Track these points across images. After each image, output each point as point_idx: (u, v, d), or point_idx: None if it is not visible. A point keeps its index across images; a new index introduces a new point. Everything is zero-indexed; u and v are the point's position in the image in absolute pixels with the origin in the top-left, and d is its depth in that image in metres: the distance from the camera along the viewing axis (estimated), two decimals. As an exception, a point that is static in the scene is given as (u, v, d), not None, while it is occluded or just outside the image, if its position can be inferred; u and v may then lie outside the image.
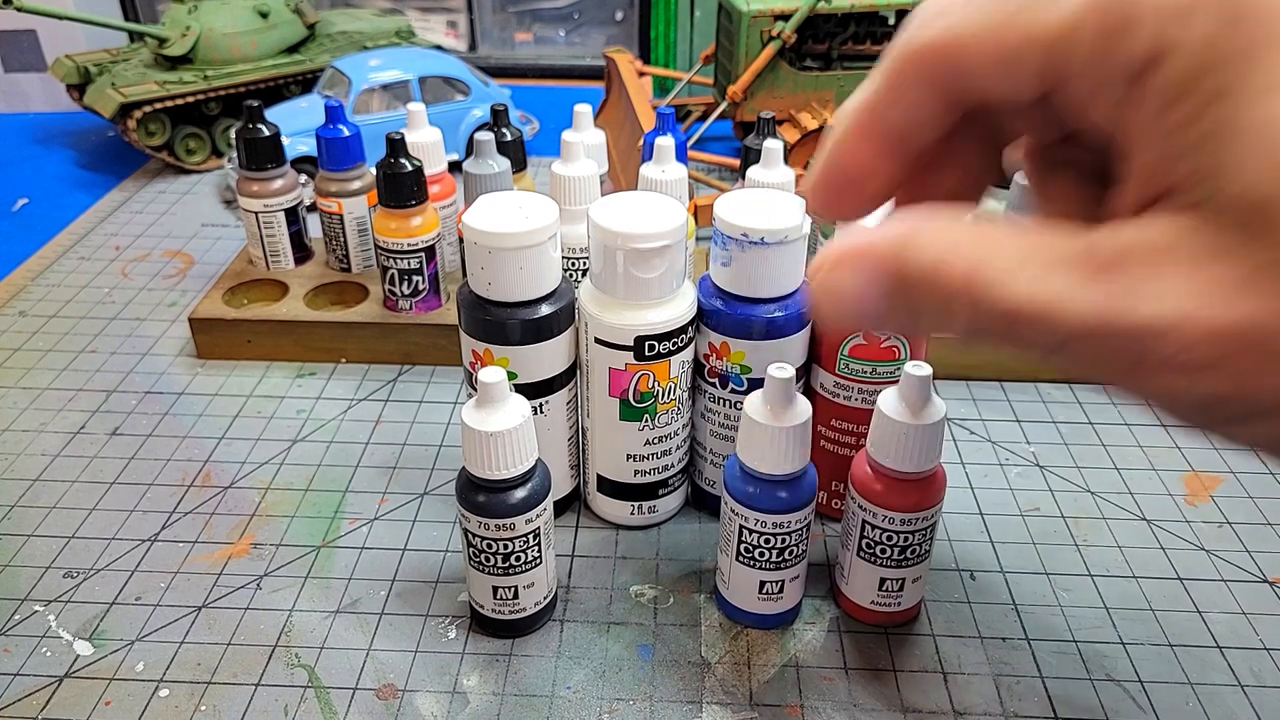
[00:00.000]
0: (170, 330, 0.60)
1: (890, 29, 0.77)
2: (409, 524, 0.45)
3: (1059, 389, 0.55)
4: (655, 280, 0.38)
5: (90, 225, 0.74)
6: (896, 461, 0.36)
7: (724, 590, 0.40)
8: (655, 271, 0.38)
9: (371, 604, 0.41)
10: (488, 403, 0.34)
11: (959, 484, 0.48)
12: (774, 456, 0.35)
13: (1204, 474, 0.49)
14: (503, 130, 0.57)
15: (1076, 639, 0.39)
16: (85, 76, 0.82)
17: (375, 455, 0.50)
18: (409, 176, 0.53)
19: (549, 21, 1.11)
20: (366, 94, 0.75)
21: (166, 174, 0.83)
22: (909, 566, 0.38)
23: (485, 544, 0.36)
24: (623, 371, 0.40)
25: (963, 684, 0.37)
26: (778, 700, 0.37)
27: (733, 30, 0.76)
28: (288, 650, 0.39)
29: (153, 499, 0.47)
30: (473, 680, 0.37)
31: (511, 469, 0.35)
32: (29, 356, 0.58)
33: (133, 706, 0.36)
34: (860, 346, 0.40)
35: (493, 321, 0.39)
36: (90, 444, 0.50)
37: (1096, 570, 0.43)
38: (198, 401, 0.54)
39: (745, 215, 0.38)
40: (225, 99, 0.82)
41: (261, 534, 0.45)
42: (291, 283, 0.59)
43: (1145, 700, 0.37)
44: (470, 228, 0.38)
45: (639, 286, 0.38)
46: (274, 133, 0.58)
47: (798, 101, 0.77)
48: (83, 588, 0.42)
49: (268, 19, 0.83)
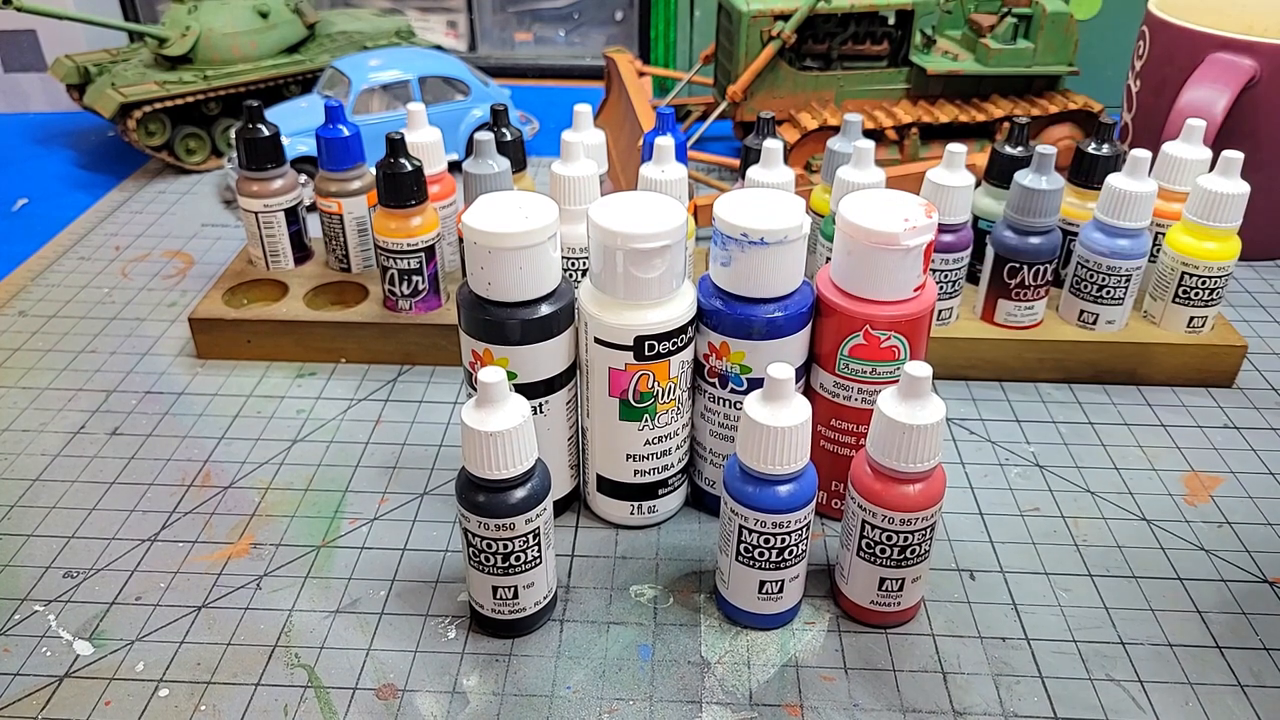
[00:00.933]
0: (170, 330, 0.60)
1: (890, 29, 0.77)
2: (409, 524, 0.45)
3: (1059, 389, 0.55)
4: (655, 280, 0.38)
5: (90, 225, 0.74)
6: (896, 461, 0.36)
7: (724, 590, 0.40)
8: (655, 271, 0.38)
9: (371, 604, 0.41)
10: (487, 403, 0.34)
11: (959, 484, 0.48)
12: (774, 456, 0.35)
13: (1204, 474, 0.49)
14: (502, 130, 0.57)
15: (1076, 639, 0.39)
16: (85, 76, 0.82)
17: (375, 455, 0.50)
18: (409, 176, 0.53)
19: (549, 21, 1.11)
20: (366, 94, 0.75)
21: (166, 174, 0.83)
22: (909, 566, 0.38)
23: (485, 544, 0.36)
24: (622, 371, 0.40)
25: (962, 684, 0.37)
26: (777, 700, 0.37)
27: (732, 30, 0.76)
28: (287, 650, 0.39)
29: (152, 499, 0.47)
30: (472, 680, 0.37)
31: (511, 469, 0.35)
32: (29, 356, 0.58)
33: (132, 706, 0.36)
34: (860, 346, 0.40)
35: (492, 321, 0.39)
36: (90, 444, 0.50)
37: (1096, 570, 0.43)
38: (197, 401, 0.54)
39: (745, 215, 0.38)
40: (225, 99, 0.82)
41: (261, 534, 0.45)
42: (291, 283, 0.59)
43: (1145, 700, 0.37)
44: (470, 227, 0.38)
45: (639, 286, 0.38)
46: (274, 133, 0.58)
47: (798, 101, 0.77)
48: (83, 588, 0.42)
49: (268, 19, 0.83)
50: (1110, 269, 0.53)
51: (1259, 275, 0.67)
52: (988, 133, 0.76)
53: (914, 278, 0.39)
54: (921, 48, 0.77)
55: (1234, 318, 0.62)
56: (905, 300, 0.39)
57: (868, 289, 0.39)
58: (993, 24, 0.75)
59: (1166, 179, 0.56)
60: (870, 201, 0.40)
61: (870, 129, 0.73)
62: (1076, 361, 0.55)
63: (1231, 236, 0.53)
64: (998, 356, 0.55)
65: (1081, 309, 0.55)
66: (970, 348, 0.55)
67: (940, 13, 0.77)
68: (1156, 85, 0.67)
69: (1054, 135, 0.76)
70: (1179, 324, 0.55)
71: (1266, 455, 0.50)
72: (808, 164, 0.74)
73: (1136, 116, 0.69)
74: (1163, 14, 0.66)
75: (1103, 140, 0.56)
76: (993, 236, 0.54)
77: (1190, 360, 0.55)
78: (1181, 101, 0.61)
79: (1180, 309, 0.54)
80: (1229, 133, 0.62)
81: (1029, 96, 0.77)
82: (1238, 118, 0.62)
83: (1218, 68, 0.62)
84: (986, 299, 0.55)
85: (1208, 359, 0.54)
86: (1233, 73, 0.61)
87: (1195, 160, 0.55)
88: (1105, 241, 0.52)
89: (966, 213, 0.52)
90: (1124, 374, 0.55)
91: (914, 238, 0.38)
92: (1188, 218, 0.53)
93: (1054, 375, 0.55)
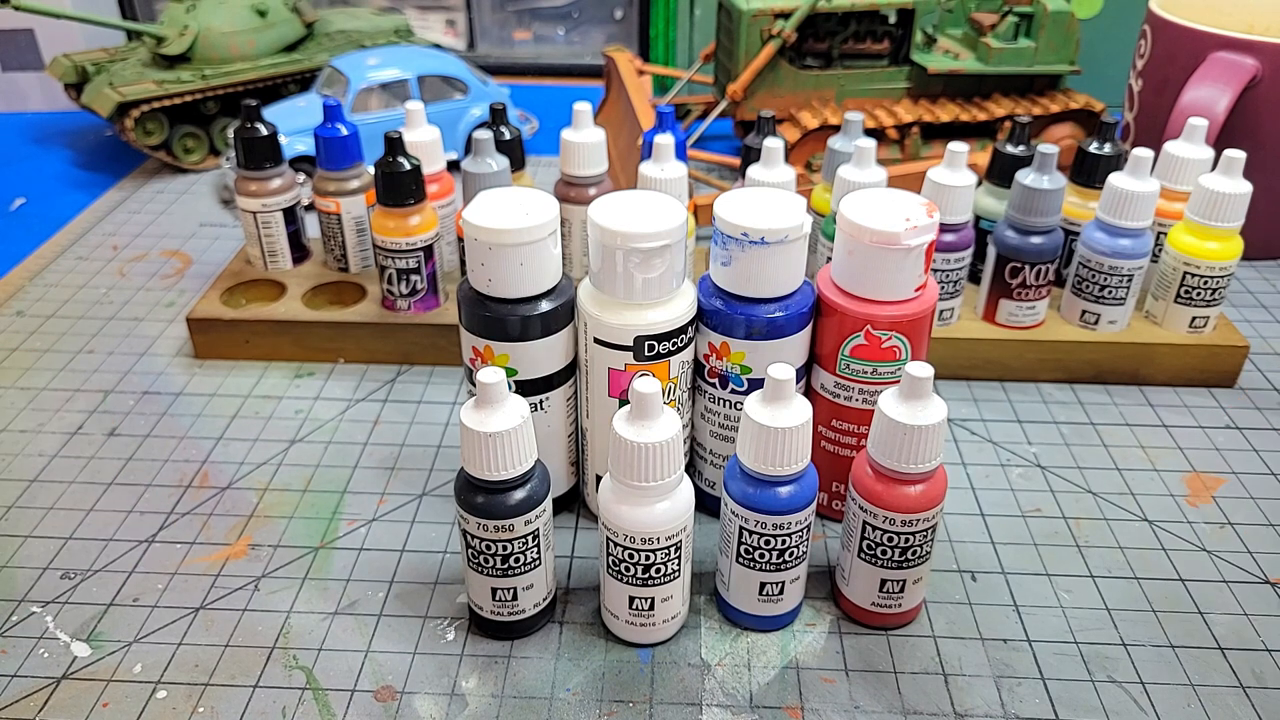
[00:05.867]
0: (168, 330, 0.60)
1: (890, 27, 0.77)
2: (407, 525, 0.45)
3: (1060, 389, 0.55)
4: (655, 280, 0.38)
5: (88, 225, 0.74)
6: (897, 462, 0.35)
7: (724, 592, 0.40)
8: (655, 271, 0.38)
9: (370, 605, 0.41)
10: (487, 403, 0.34)
11: (960, 485, 0.48)
12: (774, 457, 0.35)
13: (1205, 475, 0.49)
14: (501, 129, 0.57)
15: (1078, 640, 0.39)
16: (83, 75, 0.82)
17: (374, 456, 0.49)
18: (407, 175, 0.52)
19: (548, 20, 1.11)
20: (365, 93, 0.75)
21: (164, 173, 0.82)
22: (910, 568, 0.38)
23: (484, 545, 0.36)
24: (622, 372, 0.39)
25: (964, 685, 0.37)
26: (778, 702, 0.36)
27: (733, 29, 0.76)
28: (286, 652, 0.38)
29: (150, 500, 0.46)
30: (471, 682, 0.37)
31: (510, 470, 0.35)
32: (26, 356, 0.58)
33: (130, 708, 0.36)
34: (861, 347, 0.40)
35: (493, 318, 0.39)
36: (88, 444, 0.50)
37: (1098, 571, 0.43)
38: (195, 402, 0.53)
39: (745, 214, 0.38)
40: (223, 98, 0.82)
41: (259, 535, 0.44)
42: (289, 282, 0.59)
43: (1147, 702, 0.37)
44: (470, 224, 0.38)
45: (639, 286, 0.38)
46: (272, 132, 0.58)
47: (798, 100, 0.77)
48: (80, 589, 0.41)
49: (266, 18, 0.83)
50: (1112, 269, 0.52)
51: (1261, 275, 0.67)
52: (989, 132, 0.76)
53: (915, 277, 0.39)
54: (923, 46, 0.77)
55: (1236, 318, 0.62)
56: (906, 300, 0.39)
57: (869, 289, 0.39)
58: (994, 23, 0.75)
59: (1168, 178, 0.56)
60: (871, 201, 0.39)
61: (871, 128, 0.73)
62: (1078, 362, 0.55)
63: (1233, 236, 0.53)
64: (999, 357, 0.55)
65: (1083, 309, 0.54)
66: (972, 348, 0.55)
67: (941, 11, 0.77)
68: (1158, 84, 0.66)
69: (1055, 134, 0.76)
70: (1181, 324, 0.54)
71: (1268, 456, 0.50)
72: (808, 163, 0.74)
73: (1138, 116, 0.69)
74: (1164, 13, 0.66)
75: (1104, 139, 0.55)
76: (994, 236, 0.54)
77: (1192, 360, 0.54)
78: (1183, 101, 0.61)
79: (1182, 309, 0.54)
80: (1231, 132, 0.62)
81: (1030, 95, 0.77)
82: (1239, 117, 0.62)
83: (1219, 67, 0.61)
84: (988, 299, 0.55)
85: (1210, 359, 0.54)
86: (1234, 72, 0.61)
87: (1197, 160, 0.55)
88: (1107, 241, 0.52)
89: (968, 212, 0.52)
90: (1126, 374, 0.55)
91: (915, 237, 0.38)
92: (1190, 217, 0.53)
93: (1055, 375, 0.55)
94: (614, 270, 0.38)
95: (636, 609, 0.37)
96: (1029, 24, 0.74)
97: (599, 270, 0.39)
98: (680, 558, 0.37)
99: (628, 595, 0.37)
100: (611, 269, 0.38)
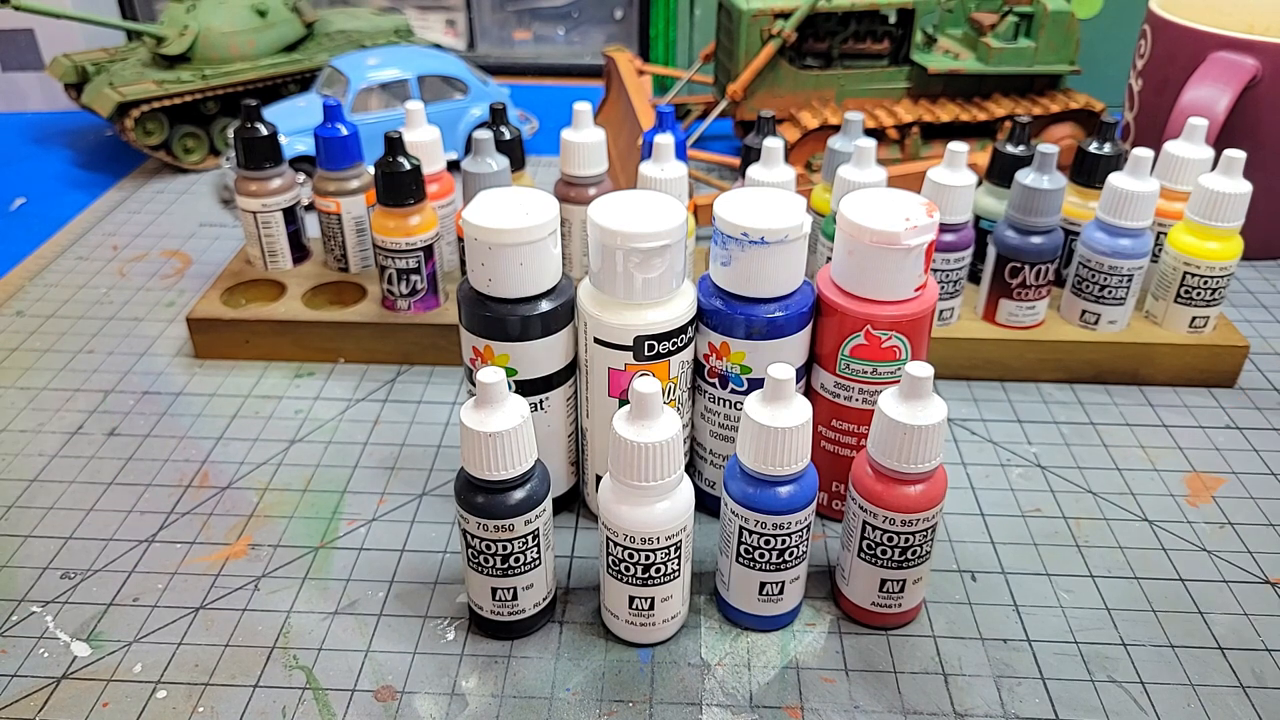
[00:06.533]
0: (168, 330, 0.60)
1: (890, 27, 0.77)
2: (407, 525, 0.45)
3: (1060, 389, 0.55)
4: (655, 280, 0.38)
5: (88, 225, 0.74)
6: (897, 462, 0.35)
7: (724, 591, 0.40)
8: (655, 271, 0.38)
9: (370, 605, 0.41)
10: (486, 403, 0.34)
11: (960, 484, 0.48)
12: (774, 457, 0.35)
13: (1205, 475, 0.49)
14: (501, 129, 0.57)
15: (1078, 640, 0.39)
16: (83, 75, 0.82)
17: (374, 456, 0.49)
18: (407, 175, 0.52)
19: (548, 20, 1.11)
20: (365, 93, 0.75)
21: (164, 173, 0.82)
22: (910, 568, 0.38)
23: (484, 545, 0.36)
24: (622, 372, 0.39)
25: (964, 685, 0.37)
26: (778, 702, 0.36)
27: (733, 28, 0.76)
28: (286, 651, 0.38)
29: (150, 500, 0.46)
30: (471, 682, 0.37)
31: (510, 470, 0.35)
32: (26, 356, 0.58)
33: (130, 708, 0.36)
34: (861, 346, 0.40)
35: (493, 318, 0.39)
36: (88, 444, 0.50)
37: (1098, 571, 0.43)
38: (195, 402, 0.53)
39: (745, 214, 0.38)
40: (223, 98, 0.82)
41: (259, 535, 0.44)
42: (289, 282, 0.59)
43: (1147, 702, 0.37)
44: (470, 223, 0.38)
45: (639, 286, 0.38)
46: (272, 132, 0.58)
47: (798, 100, 0.77)
48: (80, 589, 0.41)
49: (266, 18, 0.83)
50: (1112, 269, 0.52)
51: (1261, 275, 0.67)
52: (989, 132, 0.76)
53: (915, 277, 0.39)
54: (923, 46, 0.77)
55: (1236, 318, 0.62)
56: (906, 300, 0.39)
57: (869, 289, 0.39)
58: (994, 23, 0.75)
59: (1168, 178, 0.56)
60: (871, 201, 0.39)
61: (871, 128, 0.73)
62: (1078, 361, 0.55)
63: (1233, 236, 0.53)
64: (999, 356, 0.55)
65: (1083, 309, 0.54)
66: (972, 348, 0.55)
67: (941, 11, 0.77)
68: (1158, 84, 0.66)
69: (1055, 134, 0.76)
70: (1181, 324, 0.54)
71: (1268, 456, 0.50)
72: (808, 163, 0.74)
73: (1138, 115, 0.69)
74: (1164, 13, 0.66)
75: (1104, 139, 0.55)
76: (994, 236, 0.54)
77: (1192, 360, 0.54)
78: (1183, 100, 0.61)
79: (1182, 309, 0.54)
80: (1231, 132, 0.62)
81: (1030, 95, 0.77)
82: (1239, 117, 0.62)
83: (1219, 67, 0.61)
84: (988, 299, 0.55)
85: (1210, 359, 0.54)
86: (1234, 72, 0.61)
87: (1197, 159, 0.55)
88: (1107, 241, 0.52)
89: (968, 212, 0.52)
90: (1126, 374, 0.55)
91: (915, 237, 0.38)
92: (1190, 217, 0.53)
93: (1055, 375, 0.55)
94: (614, 270, 0.38)
95: (636, 609, 0.37)
96: (1029, 24, 0.74)
97: (599, 270, 0.39)
98: (680, 558, 0.37)
99: (628, 595, 0.37)
100: (611, 269, 0.38)
